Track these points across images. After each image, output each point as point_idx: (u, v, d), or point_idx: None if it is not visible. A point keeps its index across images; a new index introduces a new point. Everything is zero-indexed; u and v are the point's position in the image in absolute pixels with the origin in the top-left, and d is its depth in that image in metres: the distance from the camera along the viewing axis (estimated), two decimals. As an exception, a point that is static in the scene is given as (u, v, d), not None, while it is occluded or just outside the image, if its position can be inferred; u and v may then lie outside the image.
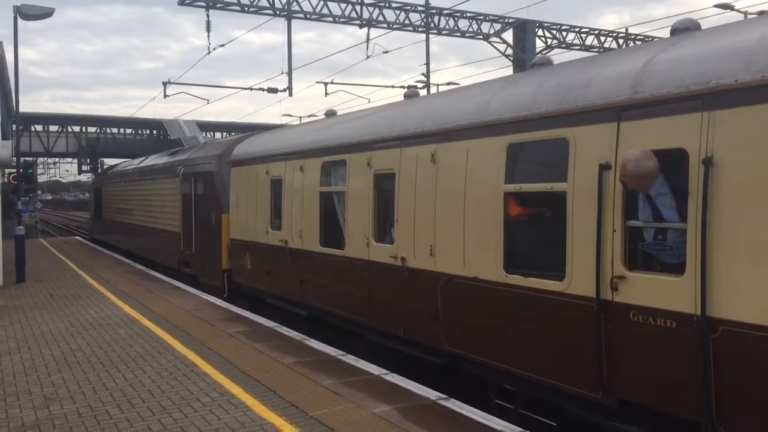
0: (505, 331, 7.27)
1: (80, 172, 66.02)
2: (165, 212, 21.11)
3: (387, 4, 30.68)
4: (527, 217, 7.40)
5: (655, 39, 27.03)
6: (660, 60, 5.95)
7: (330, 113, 13.93)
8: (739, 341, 4.97)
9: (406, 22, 31.65)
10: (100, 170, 50.38)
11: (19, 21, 20.73)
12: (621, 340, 5.87)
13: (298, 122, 39.91)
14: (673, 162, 5.50)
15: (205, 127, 55.54)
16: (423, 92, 32.99)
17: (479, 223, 7.57)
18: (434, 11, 32.23)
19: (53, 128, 57.98)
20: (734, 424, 5.04)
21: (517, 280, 7.03)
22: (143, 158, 28.92)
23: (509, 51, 34.15)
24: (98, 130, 59.07)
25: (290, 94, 29.96)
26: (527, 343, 6.97)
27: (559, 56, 37.84)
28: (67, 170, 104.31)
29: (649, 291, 5.64)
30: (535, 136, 7.00)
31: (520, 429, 6.29)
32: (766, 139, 4.85)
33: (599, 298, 6.00)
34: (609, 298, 5.95)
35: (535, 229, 7.47)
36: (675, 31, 6.71)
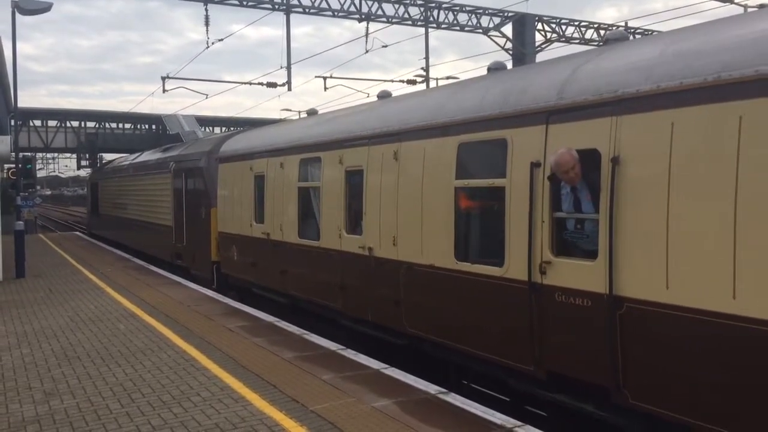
0: (456, 313, 8.05)
1: (79, 167, 66.50)
2: (158, 207, 21.86)
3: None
4: (474, 210, 8.20)
5: (654, 33, 27.25)
6: (583, 70, 6.70)
7: (311, 112, 14.68)
8: (639, 316, 5.74)
9: (405, 16, 31.90)
10: (99, 165, 50.92)
11: (17, 16, 20.77)
12: (548, 318, 6.65)
13: (297, 117, 40.32)
14: (589, 161, 6.25)
15: (203, 121, 55.96)
16: (422, 86, 33.41)
17: (434, 216, 8.32)
18: (433, 5, 32.50)
19: (52, 123, 57.99)
20: (636, 388, 5.81)
21: (465, 266, 7.80)
22: (138, 154, 29.61)
23: (509, 45, 34.41)
24: (97, 125, 59.40)
25: (289, 89, 29.77)
26: (476, 324, 7.74)
27: (558, 50, 37.97)
28: (66, 165, 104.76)
29: (570, 274, 6.42)
30: (481, 137, 7.76)
31: (519, 422, 6.39)
32: (658, 143, 5.60)
33: (531, 281, 6.78)
34: (539, 281, 6.72)
35: (480, 221, 8.26)
36: (607, 41, 7.51)
